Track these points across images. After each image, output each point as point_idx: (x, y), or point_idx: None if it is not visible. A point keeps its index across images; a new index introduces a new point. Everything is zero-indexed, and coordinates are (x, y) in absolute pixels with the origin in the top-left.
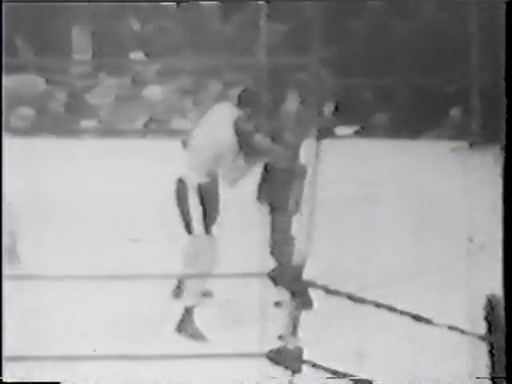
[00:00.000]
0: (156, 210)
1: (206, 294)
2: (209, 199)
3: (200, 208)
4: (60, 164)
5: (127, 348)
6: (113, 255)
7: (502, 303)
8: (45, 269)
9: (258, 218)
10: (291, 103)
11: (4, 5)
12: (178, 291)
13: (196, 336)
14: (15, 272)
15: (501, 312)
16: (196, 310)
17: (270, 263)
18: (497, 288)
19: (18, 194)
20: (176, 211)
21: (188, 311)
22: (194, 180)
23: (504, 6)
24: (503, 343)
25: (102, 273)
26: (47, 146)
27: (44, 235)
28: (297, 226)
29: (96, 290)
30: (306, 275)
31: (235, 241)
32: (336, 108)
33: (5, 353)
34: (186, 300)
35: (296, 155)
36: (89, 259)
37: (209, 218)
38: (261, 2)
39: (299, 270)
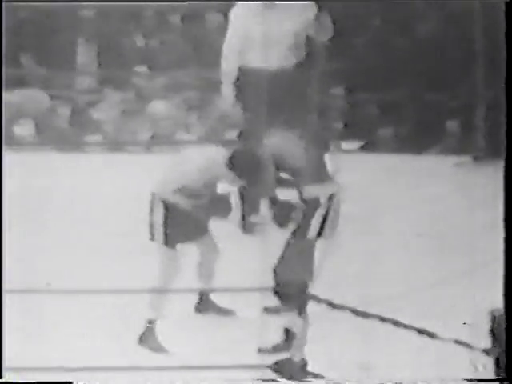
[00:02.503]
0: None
1: (229, 313)
2: (174, 214)
3: (161, 221)
4: (64, 178)
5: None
6: (113, 270)
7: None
8: (44, 282)
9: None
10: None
11: (8, 19)
12: (200, 306)
13: (157, 349)
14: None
15: (503, 326)
16: (158, 323)
17: (268, 277)
18: (500, 302)
19: (20, 207)
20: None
21: (150, 323)
22: (164, 193)
23: (503, 6)
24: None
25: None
26: (51, 160)
27: (44, 248)
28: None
29: (92, 303)
30: (311, 290)
31: (233, 254)
32: (345, 125)
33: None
34: (148, 313)
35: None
36: (90, 273)
37: (171, 232)
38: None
39: (305, 285)
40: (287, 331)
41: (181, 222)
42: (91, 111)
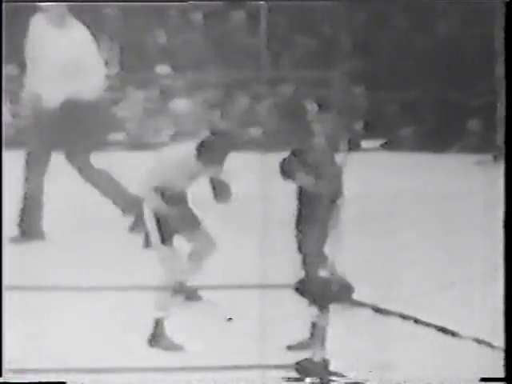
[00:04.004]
0: None
1: (194, 298)
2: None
3: (154, 221)
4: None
5: (121, 360)
6: (123, 267)
7: None
8: (46, 280)
9: (258, 226)
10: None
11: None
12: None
13: (168, 348)
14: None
15: None
16: (167, 322)
17: (270, 274)
18: None
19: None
20: None
21: (158, 323)
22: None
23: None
24: None
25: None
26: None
27: (48, 247)
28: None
29: (91, 301)
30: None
31: (237, 250)
32: (366, 124)
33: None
34: (156, 312)
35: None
36: (102, 272)
37: (165, 230)
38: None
39: (328, 282)
40: (314, 327)
41: (172, 218)
42: (114, 109)
